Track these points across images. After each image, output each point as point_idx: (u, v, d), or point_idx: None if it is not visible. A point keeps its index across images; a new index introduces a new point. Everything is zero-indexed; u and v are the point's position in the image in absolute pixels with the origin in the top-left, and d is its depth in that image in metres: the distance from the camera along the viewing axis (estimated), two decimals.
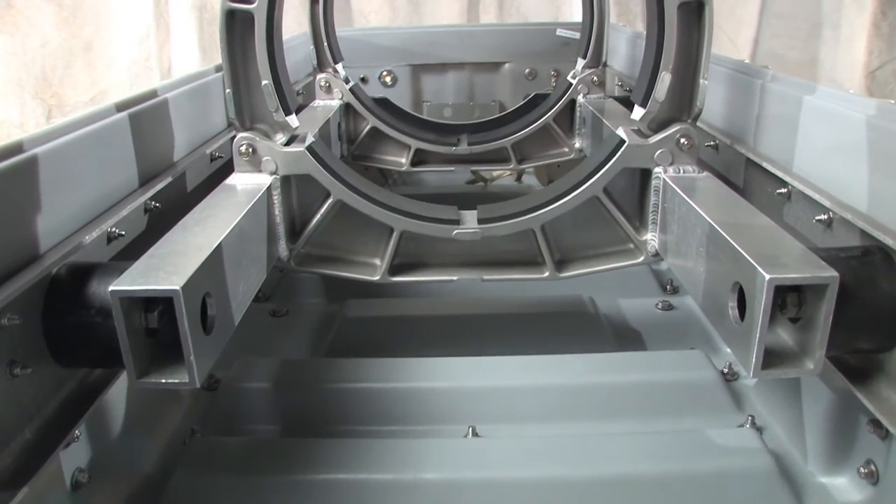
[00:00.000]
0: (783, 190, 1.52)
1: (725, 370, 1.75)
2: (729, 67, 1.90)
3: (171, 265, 1.06)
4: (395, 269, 1.60)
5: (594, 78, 2.51)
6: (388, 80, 3.37)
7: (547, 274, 1.58)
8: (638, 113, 1.50)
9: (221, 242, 1.16)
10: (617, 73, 2.92)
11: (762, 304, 1.01)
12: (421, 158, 2.61)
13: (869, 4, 4.74)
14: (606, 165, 1.51)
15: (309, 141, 1.53)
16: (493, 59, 3.36)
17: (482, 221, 1.56)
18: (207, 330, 1.09)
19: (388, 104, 2.71)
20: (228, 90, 1.45)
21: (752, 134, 1.73)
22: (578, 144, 2.56)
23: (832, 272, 1.01)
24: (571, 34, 3.19)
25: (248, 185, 1.47)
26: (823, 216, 1.35)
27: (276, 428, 1.63)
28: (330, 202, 1.54)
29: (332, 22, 2.60)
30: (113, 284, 0.99)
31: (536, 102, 2.67)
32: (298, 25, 2.89)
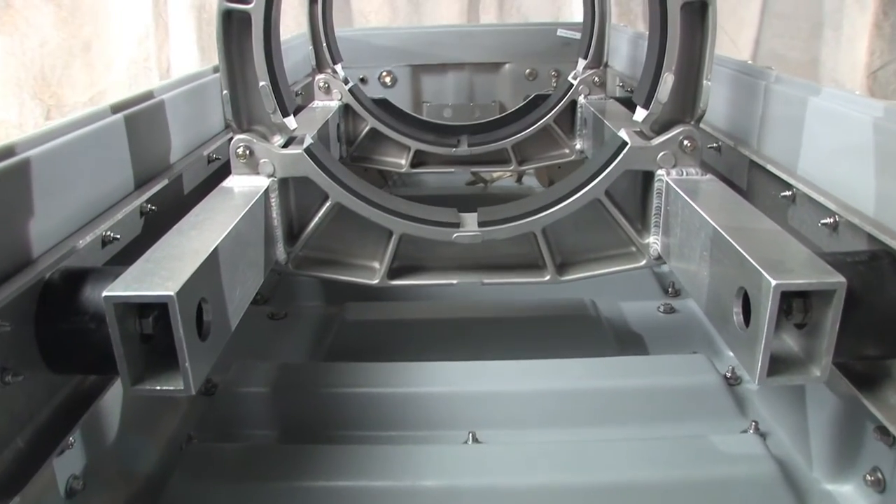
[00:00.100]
0: (788, 193, 1.50)
1: (728, 374, 1.73)
2: (732, 68, 1.89)
3: (166, 270, 1.04)
4: (394, 272, 1.58)
5: (595, 78, 2.50)
6: (387, 80, 3.35)
7: (548, 277, 1.57)
8: (640, 114, 1.48)
9: (218, 246, 1.15)
10: (618, 73, 2.90)
11: (768, 310, 0.99)
12: (421, 160, 2.59)
13: (870, 4, 4.74)
14: (608, 168, 1.49)
15: (307, 143, 1.52)
16: (493, 59, 3.34)
17: (482, 224, 1.55)
18: (203, 336, 1.08)
19: (387, 105, 2.70)
20: (225, 91, 1.43)
21: (755, 136, 1.71)
22: (579, 146, 2.55)
23: (840, 278, 0.99)
24: (572, 34, 3.18)
25: (245, 187, 1.45)
26: (829, 220, 1.33)
27: (273, 433, 1.61)
28: (328, 205, 1.53)
29: (331, 22, 2.58)
30: (106, 290, 0.98)
31: (537, 103, 2.66)
32: (298, 26, 2.87)
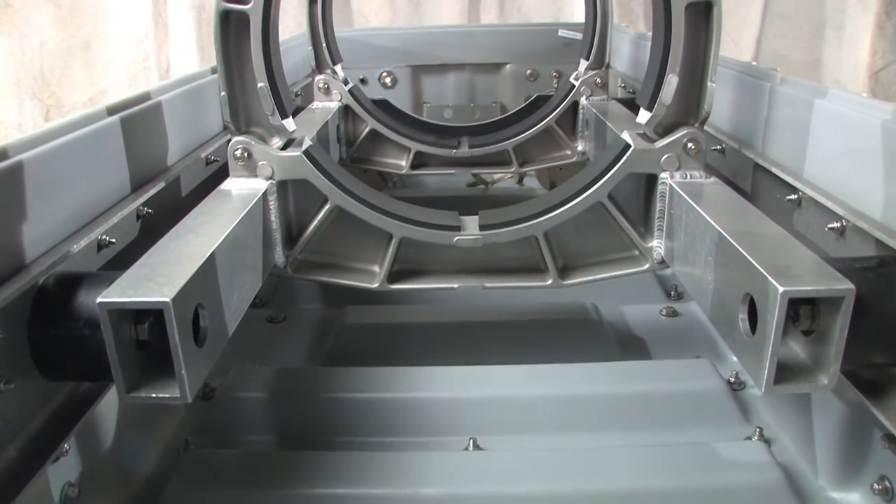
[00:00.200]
0: (793, 196, 1.48)
1: (732, 379, 1.71)
2: (736, 70, 1.87)
3: (161, 275, 1.02)
4: (394, 276, 1.56)
5: (597, 79, 2.48)
6: (387, 81, 3.33)
7: (550, 282, 1.55)
8: (644, 116, 1.47)
9: (215, 251, 1.13)
10: (620, 74, 2.88)
11: (775, 317, 0.97)
12: (421, 161, 2.57)
13: (873, 5, 4.72)
14: (611, 170, 1.48)
15: (306, 145, 1.50)
16: (494, 59, 3.33)
17: (483, 228, 1.53)
18: (200, 342, 1.06)
19: (387, 106, 2.67)
20: (223, 93, 1.41)
21: (760, 138, 1.69)
22: (581, 147, 2.53)
23: (848, 284, 0.97)
24: (573, 35, 3.16)
25: (243, 190, 1.44)
26: (836, 224, 1.31)
27: (272, 438, 1.59)
28: (327, 208, 1.51)
29: (330, 22, 2.56)
30: (101, 296, 0.96)
31: (538, 104, 2.64)
32: (298, 26, 2.85)
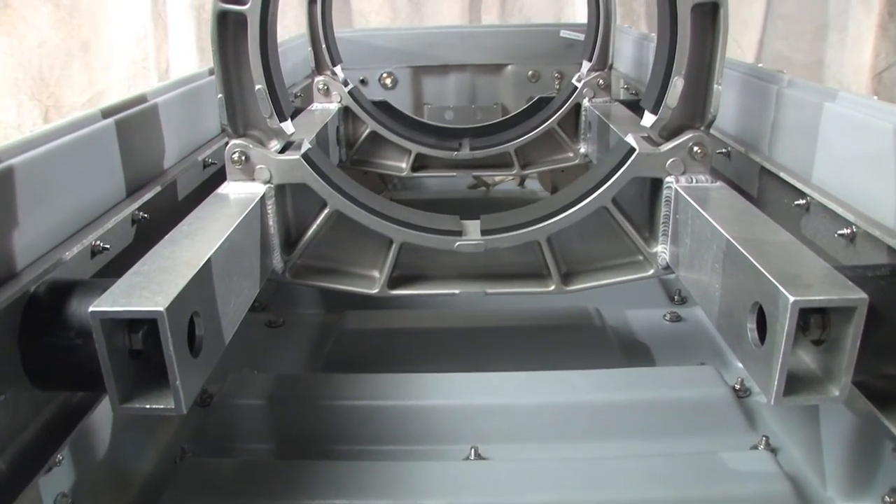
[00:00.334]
0: (801, 201, 1.45)
1: (737, 386, 1.68)
2: (742, 72, 1.84)
3: (155, 283, 1.00)
4: (394, 281, 1.54)
5: (600, 81, 2.45)
6: (388, 82, 3.30)
7: (553, 287, 1.52)
8: (648, 119, 1.44)
9: (211, 257, 1.10)
10: (623, 75, 2.85)
11: (785, 327, 0.94)
12: (422, 163, 2.55)
13: (876, 6, 4.70)
14: (616, 175, 1.45)
15: (305, 148, 1.47)
16: (495, 60, 3.30)
17: (485, 232, 1.51)
18: (195, 352, 1.03)
19: (387, 107, 2.65)
20: (220, 95, 1.38)
21: (767, 141, 1.66)
22: (584, 149, 2.50)
23: (861, 294, 0.94)
24: (576, 36, 3.13)
25: (240, 194, 1.41)
26: (846, 230, 1.28)
27: (270, 446, 1.56)
28: (326, 212, 1.49)
29: (330, 23, 2.53)
30: (93, 305, 0.93)
31: (540, 106, 2.61)
32: (298, 26, 2.83)
